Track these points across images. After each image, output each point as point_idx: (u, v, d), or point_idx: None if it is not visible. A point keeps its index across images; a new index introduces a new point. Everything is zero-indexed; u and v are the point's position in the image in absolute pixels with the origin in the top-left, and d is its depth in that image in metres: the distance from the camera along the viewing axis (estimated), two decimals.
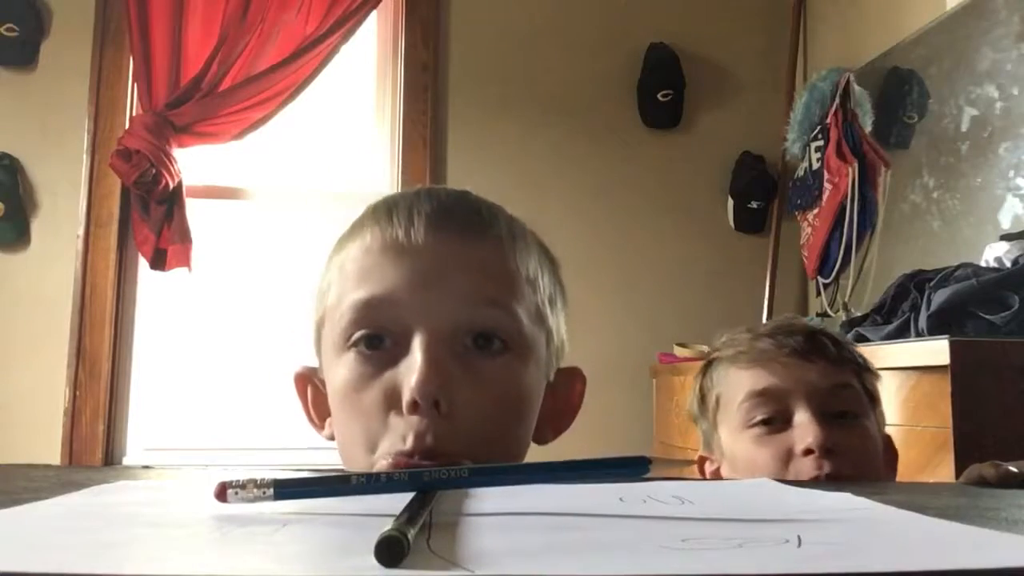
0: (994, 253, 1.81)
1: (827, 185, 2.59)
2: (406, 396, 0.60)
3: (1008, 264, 1.75)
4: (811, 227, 2.69)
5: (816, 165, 2.66)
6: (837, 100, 2.60)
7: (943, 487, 0.58)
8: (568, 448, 0.70)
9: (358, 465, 0.64)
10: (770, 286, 2.89)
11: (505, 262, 0.67)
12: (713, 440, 1.01)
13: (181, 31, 2.68)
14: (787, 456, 0.91)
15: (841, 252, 2.54)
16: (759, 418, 0.93)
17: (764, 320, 2.80)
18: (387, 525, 0.30)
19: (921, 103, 2.42)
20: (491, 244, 0.67)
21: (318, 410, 0.73)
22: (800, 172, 2.77)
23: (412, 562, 0.28)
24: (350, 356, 0.64)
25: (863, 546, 0.33)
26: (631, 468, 0.41)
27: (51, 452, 2.54)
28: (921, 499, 0.48)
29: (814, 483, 0.87)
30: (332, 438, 0.69)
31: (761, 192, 2.94)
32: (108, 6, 2.72)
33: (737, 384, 0.97)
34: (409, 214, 0.65)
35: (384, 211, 0.67)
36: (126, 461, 2.65)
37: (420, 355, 0.60)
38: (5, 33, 2.65)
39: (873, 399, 0.98)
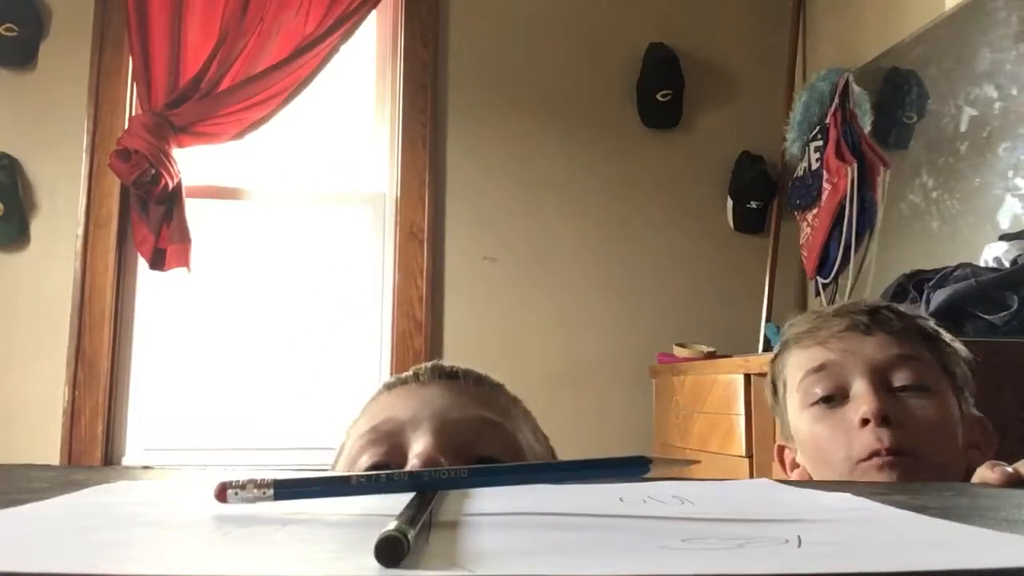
0: (993, 253, 1.81)
1: (826, 185, 2.59)
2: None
3: (1007, 264, 1.75)
4: (810, 227, 2.69)
5: (815, 165, 2.66)
6: (836, 100, 2.60)
7: (943, 487, 0.58)
8: (568, 448, 0.70)
9: None
10: (769, 286, 2.89)
11: (507, 404, 0.72)
12: (786, 425, 0.99)
13: (180, 31, 2.68)
14: (847, 429, 0.88)
15: (840, 252, 2.54)
16: (819, 395, 0.92)
17: (764, 319, 2.80)
18: (387, 525, 0.30)
19: (920, 103, 2.42)
20: (493, 390, 0.73)
21: None
22: (799, 172, 2.78)
23: (412, 562, 0.28)
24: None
25: (863, 546, 0.33)
26: (631, 468, 0.41)
27: (51, 452, 2.54)
28: (921, 499, 0.48)
29: (875, 458, 0.85)
30: None
31: (760, 192, 2.94)
32: (108, 6, 2.72)
33: (797, 364, 0.96)
34: (416, 371, 0.73)
35: (397, 376, 0.75)
36: (126, 461, 2.65)
37: (422, 440, 0.63)
38: (5, 33, 2.65)
39: (950, 373, 0.93)
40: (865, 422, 0.86)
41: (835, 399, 0.91)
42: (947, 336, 0.96)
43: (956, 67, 2.27)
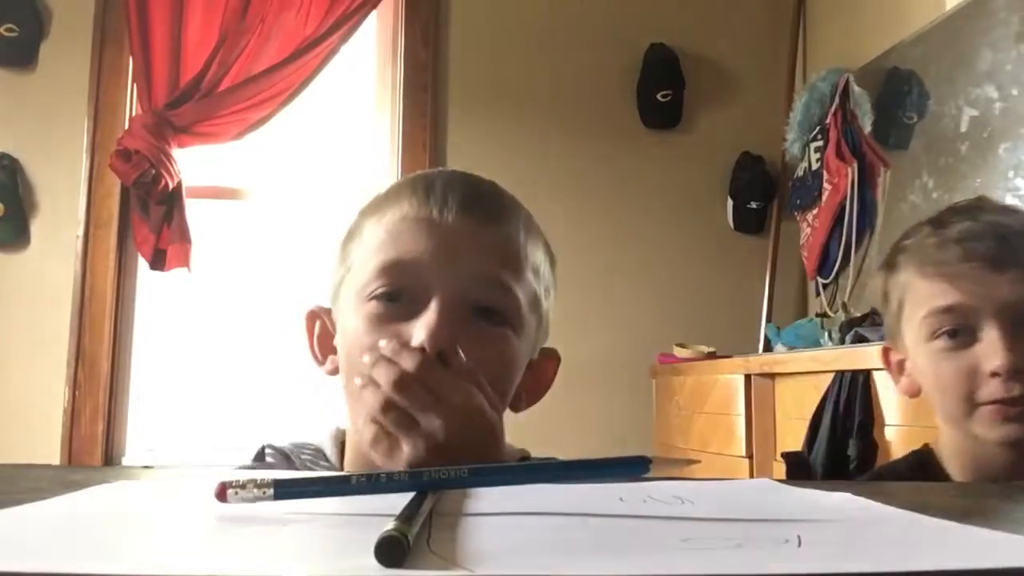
0: None
1: (826, 185, 2.59)
2: (415, 342, 0.66)
3: None
4: (810, 227, 2.69)
5: (815, 165, 2.66)
6: (836, 100, 2.60)
7: (943, 487, 0.58)
8: (569, 448, 0.70)
9: (361, 401, 0.66)
10: (769, 286, 2.89)
11: (517, 251, 0.75)
12: (897, 337, 0.98)
13: (181, 31, 2.68)
14: (972, 373, 0.88)
15: (840, 252, 2.54)
16: (944, 331, 0.90)
17: (764, 320, 2.80)
18: (387, 525, 0.30)
19: (920, 104, 2.42)
20: (509, 233, 0.75)
21: (322, 346, 0.80)
22: (799, 172, 2.78)
23: (412, 562, 0.28)
24: (370, 305, 0.71)
25: (863, 546, 0.33)
26: (631, 468, 0.41)
27: (51, 452, 2.54)
28: (921, 499, 0.48)
29: (1000, 405, 0.86)
30: (333, 373, 0.77)
31: (760, 192, 2.94)
32: (108, 6, 2.72)
33: (920, 296, 0.93)
34: (444, 195, 0.73)
35: (422, 188, 0.75)
36: (126, 461, 2.65)
37: (435, 313, 0.67)
38: (5, 33, 2.65)
39: None
40: (995, 374, 0.86)
41: (960, 334, 0.90)
42: None
43: (956, 67, 2.27)
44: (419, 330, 0.67)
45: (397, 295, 0.70)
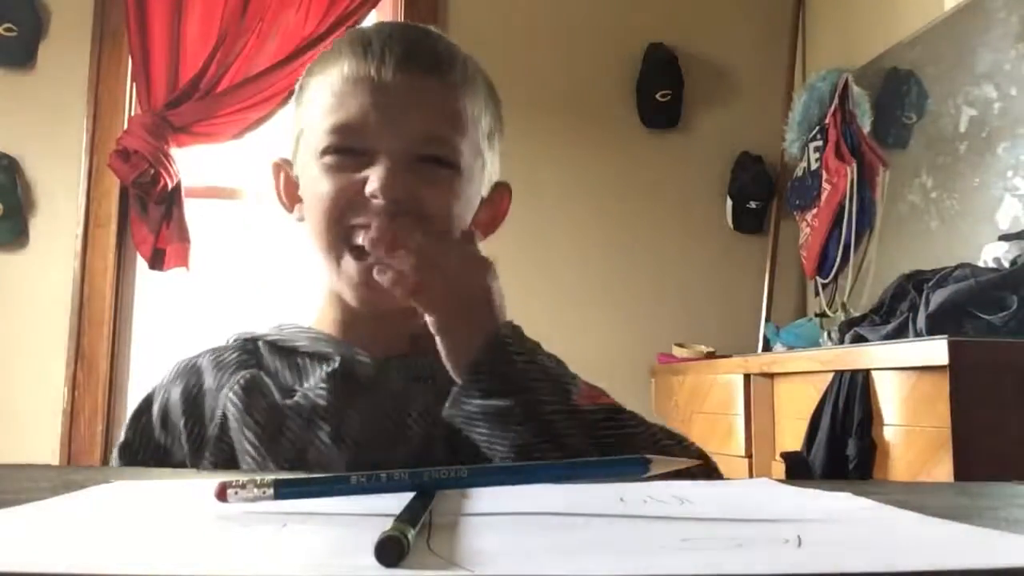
0: (992, 253, 1.81)
1: (825, 185, 2.59)
2: (368, 189, 0.74)
3: (1006, 264, 1.75)
4: (809, 227, 2.69)
5: (815, 165, 2.66)
6: (836, 100, 2.60)
7: (943, 487, 0.58)
8: None
9: (327, 241, 0.78)
10: (769, 286, 2.89)
11: (456, 103, 0.80)
12: None
13: (180, 31, 2.68)
14: None
15: (839, 252, 2.54)
16: None
17: (763, 319, 2.80)
18: (387, 525, 0.30)
19: (919, 103, 2.42)
20: (447, 87, 0.80)
21: (288, 195, 0.89)
22: (799, 172, 2.78)
23: (412, 562, 0.28)
24: (325, 159, 0.78)
25: (863, 546, 0.33)
26: (631, 468, 0.41)
27: (50, 452, 2.54)
28: (921, 499, 0.48)
29: None
30: (301, 220, 0.85)
31: (760, 192, 2.94)
32: (107, 6, 2.72)
33: None
34: (382, 53, 0.78)
35: (360, 46, 0.79)
36: None
37: (384, 168, 0.74)
38: (4, 33, 2.65)
39: None
40: None
41: None
42: None
43: (955, 67, 2.27)
44: (372, 181, 0.74)
45: (348, 151, 0.77)
